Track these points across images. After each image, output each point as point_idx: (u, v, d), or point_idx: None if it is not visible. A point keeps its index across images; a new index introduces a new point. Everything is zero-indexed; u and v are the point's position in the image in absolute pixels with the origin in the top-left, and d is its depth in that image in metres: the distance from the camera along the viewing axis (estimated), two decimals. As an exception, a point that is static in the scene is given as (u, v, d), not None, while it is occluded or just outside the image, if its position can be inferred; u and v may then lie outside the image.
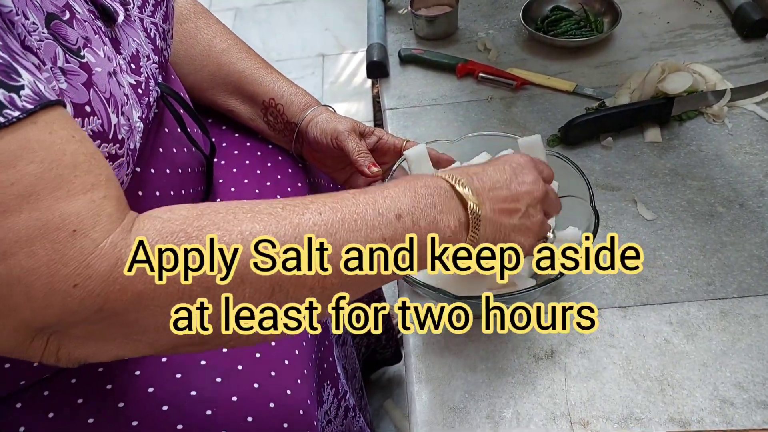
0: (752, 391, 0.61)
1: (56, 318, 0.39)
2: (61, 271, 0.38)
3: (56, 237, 0.38)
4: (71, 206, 0.39)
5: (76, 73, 0.46)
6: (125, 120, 0.51)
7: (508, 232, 0.55)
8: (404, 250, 0.48)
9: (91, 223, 0.39)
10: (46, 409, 0.56)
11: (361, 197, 0.49)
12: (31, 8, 0.43)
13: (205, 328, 0.43)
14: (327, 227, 0.45)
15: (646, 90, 0.89)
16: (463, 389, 0.64)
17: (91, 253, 0.39)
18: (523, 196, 0.55)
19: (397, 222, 0.48)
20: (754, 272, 0.70)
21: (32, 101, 0.39)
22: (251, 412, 0.58)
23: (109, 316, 0.40)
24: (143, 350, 0.43)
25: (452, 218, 0.51)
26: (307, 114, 0.77)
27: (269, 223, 0.44)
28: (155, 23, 0.62)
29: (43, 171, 0.38)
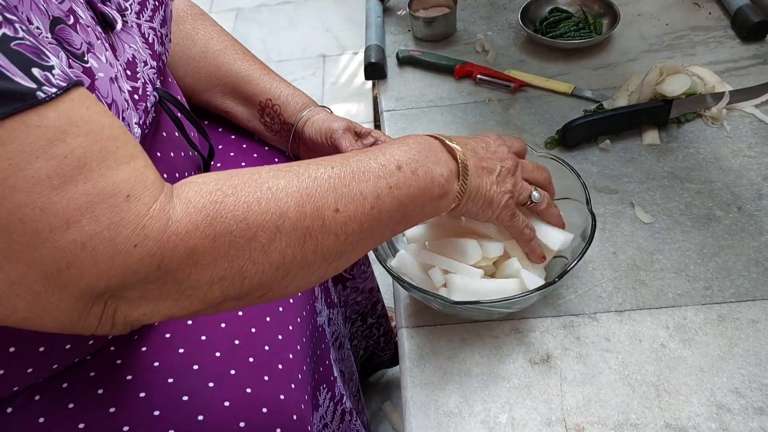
0: (749, 397, 0.60)
1: (119, 278, 0.42)
2: (122, 233, 0.41)
3: (113, 202, 0.41)
4: (120, 174, 0.41)
5: (79, 77, 0.46)
6: (125, 125, 0.51)
7: (489, 186, 0.60)
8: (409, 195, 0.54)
9: (140, 188, 0.42)
10: (37, 414, 0.56)
11: (363, 155, 0.54)
12: (36, 13, 0.43)
13: (249, 279, 0.46)
14: (341, 178, 0.50)
15: (644, 92, 0.88)
16: (458, 394, 0.64)
17: (145, 215, 0.42)
18: (496, 159, 0.61)
19: (398, 172, 0.53)
20: (752, 276, 0.70)
21: (64, 80, 0.40)
22: (244, 417, 0.58)
23: (165, 273, 0.43)
24: (195, 306, 0.46)
25: (444, 168, 0.56)
26: (303, 114, 0.77)
27: (291, 179, 0.49)
28: (153, 28, 0.62)
29: (89, 143, 0.40)
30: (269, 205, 0.46)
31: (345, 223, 0.50)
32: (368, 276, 1.05)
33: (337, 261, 0.51)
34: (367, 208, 0.51)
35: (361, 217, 0.51)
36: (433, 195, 0.56)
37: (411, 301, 0.72)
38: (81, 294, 0.42)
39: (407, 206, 0.54)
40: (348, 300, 1.02)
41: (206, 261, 0.44)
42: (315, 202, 0.48)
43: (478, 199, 0.59)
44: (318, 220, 0.48)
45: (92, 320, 0.44)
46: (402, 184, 0.53)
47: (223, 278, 0.45)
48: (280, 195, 0.47)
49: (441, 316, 0.70)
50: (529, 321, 0.69)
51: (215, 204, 0.44)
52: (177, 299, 0.45)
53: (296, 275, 0.49)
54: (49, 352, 0.55)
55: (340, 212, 0.49)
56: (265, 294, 0.49)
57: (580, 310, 0.69)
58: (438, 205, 0.57)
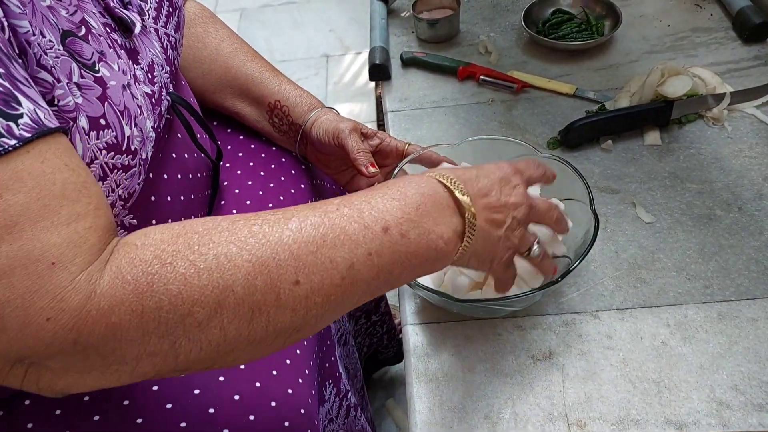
0: (749, 394, 0.62)
1: (30, 350, 0.39)
2: (36, 304, 0.38)
3: (35, 269, 0.38)
4: (54, 237, 0.39)
5: (91, 87, 0.47)
6: (138, 131, 0.52)
7: (495, 243, 0.54)
8: (392, 264, 0.47)
9: (71, 255, 0.39)
10: (53, 407, 0.57)
11: (345, 209, 0.47)
12: (48, 27, 0.44)
13: (185, 356, 0.43)
14: (308, 245, 0.44)
15: (646, 93, 0.89)
16: (462, 389, 0.65)
17: (66, 287, 0.39)
18: (509, 208, 0.54)
19: (383, 235, 0.47)
20: (752, 275, 0.71)
21: (30, 130, 0.39)
22: (253, 410, 0.59)
23: (84, 348, 0.40)
24: (124, 379, 0.43)
25: (446, 228, 0.50)
26: (311, 115, 0.78)
27: (246, 243, 0.43)
28: (167, 33, 0.64)
29: (29, 201, 0.38)
30: (211, 277, 0.41)
31: (306, 297, 0.44)
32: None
33: (296, 335, 0.46)
34: (336, 279, 0.45)
35: (327, 289, 0.44)
36: (428, 258, 0.49)
37: (416, 299, 0.73)
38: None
39: (390, 272, 0.47)
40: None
41: (132, 337, 0.40)
42: (269, 274, 0.43)
43: (483, 255, 0.54)
44: (271, 294, 0.43)
45: (14, 381, 0.42)
46: (386, 250, 0.46)
47: (153, 354, 0.42)
48: (227, 266, 0.42)
49: (445, 313, 0.71)
50: (531, 318, 0.70)
51: (147, 276, 0.41)
52: (103, 372, 0.42)
53: (243, 351, 0.44)
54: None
55: (300, 285, 0.43)
56: (209, 367, 0.45)
57: (582, 308, 0.70)
58: (433, 267, 0.51)
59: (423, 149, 0.75)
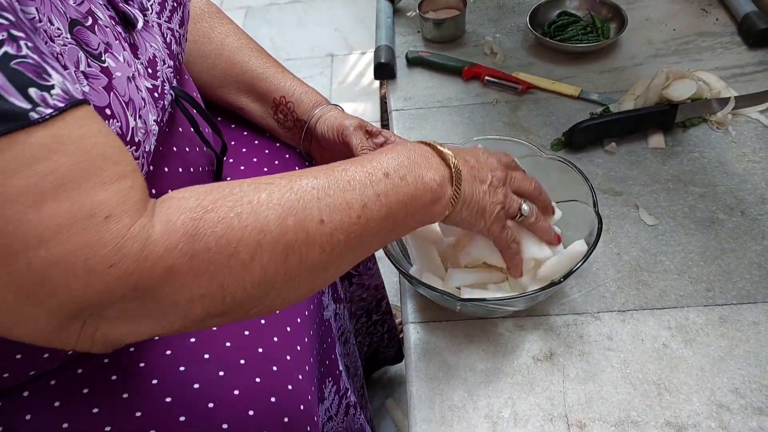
0: (749, 397, 0.62)
1: (95, 298, 0.41)
2: (99, 253, 0.40)
3: (92, 222, 0.40)
4: (102, 194, 0.41)
5: (97, 77, 0.48)
6: (142, 123, 0.52)
7: (481, 196, 0.59)
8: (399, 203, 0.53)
9: (122, 209, 0.42)
10: (52, 399, 0.57)
11: (349, 164, 0.54)
12: (56, 14, 0.45)
13: (231, 296, 0.46)
14: (325, 188, 0.50)
15: (650, 96, 0.89)
16: (463, 388, 0.65)
17: (124, 236, 0.41)
18: (487, 169, 0.61)
19: (385, 179, 0.53)
20: (754, 279, 0.71)
21: (62, 100, 0.41)
22: (253, 406, 0.59)
23: (143, 293, 0.43)
24: (177, 324, 0.46)
25: (436, 173, 0.56)
26: (316, 112, 0.78)
27: (272, 191, 0.48)
28: (171, 28, 0.64)
29: (75, 162, 0.40)
30: (249, 219, 0.46)
31: (330, 234, 0.49)
32: (374, 273, 1.06)
33: (325, 273, 0.51)
34: (353, 218, 0.50)
35: (347, 227, 0.50)
36: (425, 201, 0.55)
37: (417, 297, 0.73)
38: (55, 311, 0.41)
39: (397, 214, 0.53)
40: (353, 296, 1.04)
41: (185, 279, 0.44)
42: (297, 215, 0.48)
43: (473, 205, 0.59)
44: (301, 233, 0.47)
45: (70, 337, 0.44)
46: (390, 191, 0.53)
47: (203, 296, 0.45)
48: (260, 209, 0.46)
49: (447, 312, 0.71)
50: (533, 318, 0.70)
51: (194, 221, 0.44)
52: (157, 318, 0.45)
53: (281, 290, 0.48)
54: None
55: (324, 223, 0.49)
56: (250, 310, 0.48)
57: (583, 309, 0.70)
58: (431, 212, 0.57)
59: None
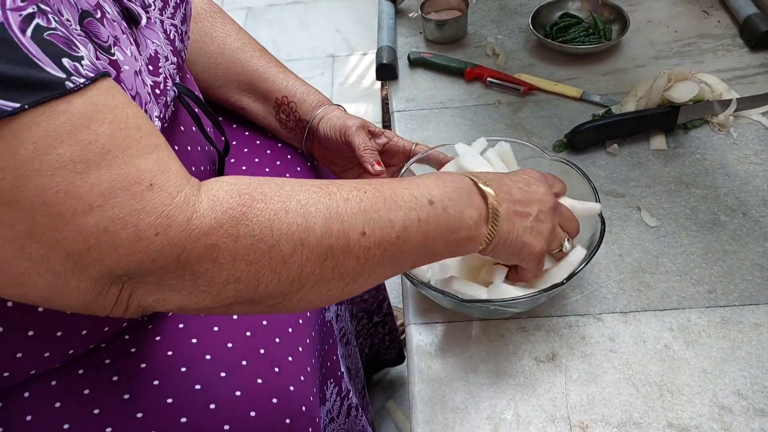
0: (751, 399, 0.61)
1: (138, 264, 0.42)
2: (145, 220, 0.41)
3: (137, 189, 0.41)
4: (143, 163, 0.42)
5: (106, 69, 0.47)
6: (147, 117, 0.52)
7: (521, 233, 0.58)
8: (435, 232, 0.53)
9: (164, 178, 0.43)
10: (52, 399, 0.57)
11: (398, 183, 0.54)
12: (66, 5, 0.45)
13: (264, 286, 0.47)
14: (372, 203, 0.50)
15: (652, 98, 0.89)
16: (464, 390, 0.65)
17: (168, 204, 0.42)
18: (534, 203, 0.59)
19: (429, 206, 0.53)
20: (756, 281, 0.71)
21: (93, 70, 0.41)
22: (254, 407, 0.59)
23: (183, 265, 0.44)
24: (207, 302, 0.46)
25: (474, 211, 0.55)
26: (318, 112, 0.78)
27: (322, 196, 0.49)
28: (174, 25, 0.64)
29: (114, 131, 0.41)
30: (297, 217, 0.47)
31: (369, 247, 0.50)
32: (375, 274, 1.06)
33: (353, 283, 0.51)
34: (393, 237, 0.51)
35: (385, 245, 0.51)
36: (460, 236, 0.55)
37: (419, 298, 0.73)
38: (100, 276, 0.43)
39: (433, 242, 0.54)
40: (355, 297, 1.03)
41: (225, 260, 0.44)
42: (343, 222, 0.48)
43: (509, 244, 0.58)
44: (343, 240, 0.48)
45: (108, 302, 0.45)
46: (431, 219, 0.53)
47: (239, 279, 0.46)
48: (310, 209, 0.47)
49: (449, 313, 0.71)
50: (535, 320, 0.70)
51: (242, 206, 0.45)
52: (191, 292, 0.46)
53: (311, 290, 0.49)
54: (66, 337, 0.57)
55: (366, 236, 0.49)
56: (277, 304, 0.49)
57: (585, 310, 0.70)
58: (464, 247, 0.56)
59: (430, 149, 0.75)
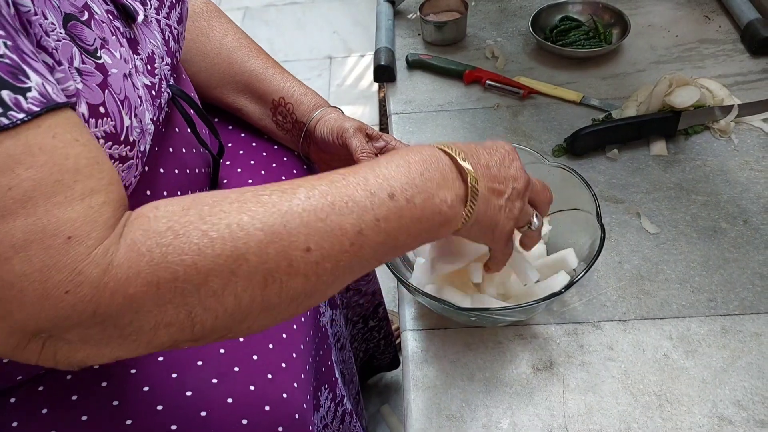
0: (751, 410, 0.61)
1: (49, 323, 0.39)
2: (54, 278, 0.38)
3: (51, 243, 0.38)
4: (68, 213, 0.39)
5: (92, 74, 0.46)
6: (137, 122, 0.51)
7: (496, 212, 0.55)
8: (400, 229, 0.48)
9: (87, 230, 0.39)
10: (40, 405, 0.56)
11: (351, 177, 0.48)
12: (50, 8, 0.44)
13: (201, 325, 0.43)
14: (317, 212, 0.45)
15: (653, 103, 0.89)
16: (460, 398, 0.64)
17: (83, 260, 0.39)
18: (509, 179, 0.55)
19: (390, 201, 0.47)
20: (757, 290, 0.70)
21: (38, 104, 0.39)
22: (246, 414, 0.58)
23: (103, 320, 0.40)
24: (141, 350, 0.43)
25: (450, 192, 0.50)
26: (316, 114, 0.77)
27: (257, 212, 0.44)
28: (170, 25, 0.63)
29: (43, 176, 0.38)
30: (225, 246, 0.42)
31: (317, 263, 0.45)
32: (371, 279, 1.05)
33: (308, 300, 0.47)
34: (345, 245, 0.45)
35: (337, 255, 0.45)
36: (433, 223, 0.50)
37: (415, 305, 0.72)
38: (12, 330, 0.39)
39: (397, 238, 0.48)
40: (350, 302, 1.02)
41: (148, 308, 0.41)
42: (281, 241, 0.43)
43: (485, 222, 0.54)
44: (283, 261, 0.43)
45: (30, 355, 0.42)
46: (392, 215, 0.47)
47: (169, 324, 0.42)
48: (239, 234, 0.42)
49: (445, 320, 0.70)
50: (533, 327, 0.69)
51: (162, 247, 0.41)
52: (121, 343, 0.42)
53: (257, 318, 0.45)
54: (54, 343, 0.55)
55: (311, 252, 0.44)
56: (225, 335, 0.45)
57: (584, 318, 0.69)
58: (438, 233, 0.52)
59: None
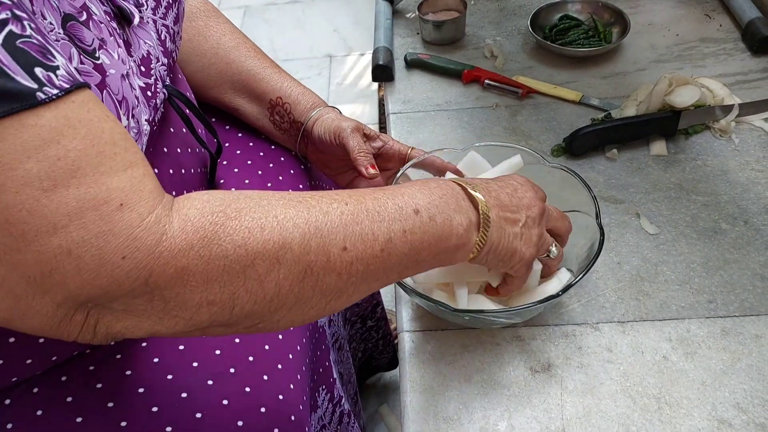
0: (751, 413, 0.60)
1: (103, 289, 0.40)
2: (111, 243, 0.39)
3: (105, 210, 0.39)
4: (115, 181, 0.40)
5: (90, 74, 0.46)
6: (134, 123, 0.51)
7: (511, 239, 0.57)
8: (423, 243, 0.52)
9: (136, 198, 0.41)
10: (34, 407, 0.55)
11: (380, 192, 0.52)
12: (49, 8, 0.43)
13: (240, 308, 0.45)
14: (354, 216, 0.48)
15: (652, 102, 0.88)
16: (458, 400, 0.63)
17: (138, 226, 0.40)
18: (522, 208, 0.58)
19: (415, 216, 0.51)
20: (757, 291, 0.69)
21: (68, 81, 0.40)
22: (242, 416, 0.58)
23: (152, 289, 0.41)
24: (180, 327, 0.44)
25: (464, 218, 0.54)
26: (313, 114, 0.76)
27: (300, 210, 0.47)
28: (166, 25, 0.62)
29: (86, 147, 0.39)
30: (273, 234, 0.44)
31: (351, 263, 0.48)
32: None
33: (336, 300, 0.49)
34: (376, 250, 0.49)
35: (368, 259, 0.49)
36: (450, 244, 0.53)
37: (413, 305, 0.72)
38: (63, 300, 0.40)
39: (420, 252, 0.52)
40: (348, 302, 1.02)
41: (197, 282, 0.42)
42: (322, 237, 0.46)
43: (500, 251, 0.57)
44: (322, 256, 0.46)
45: (73, 328, 0.43)
46: (417, 229, 0.51)
47: (212, 302, 0.43)
48: (287, 225, 0.45)
49: (442, 321, 0.69)
50: (531, 329, 0.68)
51: (215, 225, 0.43)
52: (162, 317, 0.43)
53: (290, 309, 0.47)
54: (49, 343, 0.55)
55: (347, 251, 0.47)
56: (255, 325, 0.47)
57: (582, 319, 0.69)
58: (454, 256, 0.55)
59: (426, 154, 0.73)
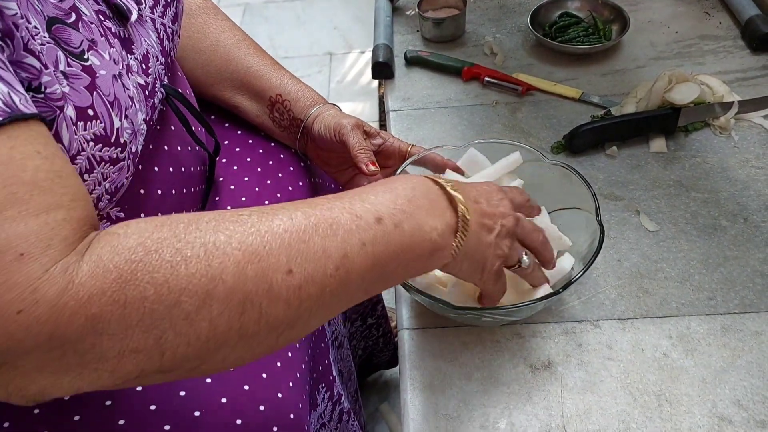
0: (752, 410, 0.60)
1: (1, 346, 0.36)
2: (4, 297, 0.35)
3: (2, 260, 0.35)
4: (22, 228, 0.36)
5: (78, 76, 0.46)
6: (128, 123, 0.50)
7: (485, 248, 0.53)
8: (388, 255, 0.46)
9: (42, 246, 0.36)
10: (31, 405, 0.55)
11: (336, 202, 0.46)
12: (33, 13, 0.43)
13: (171, 353, 0.40)
14: (299, 233, 0.43)
15: (652, 100, 0.88)
16: (458, 398, 0.63)
17: (38, 278, 0.36)
18: (497, 216, 0.54)
19: (376, 225, 0.46)
20: (757, 288, 0.69)
21: (1, 113, 0.37)
22: (240, 414, 0.57)
23: (62, 343, 0.37)
24: (105, 380, 0.39)
25: (439, 221, 0.49)
26: (313, 111, 0.76)
27: (234, 233, 0.41)
28: (164, 24, 0.62)
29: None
30: (200, 265, 0.39)
31: (299, 287, 0.42)
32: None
33: (290, 331, 0.44)
34: (330, 269, 0.43)
35: (321, 280, 0.43)
36: (422, 252, 0.48)
37: (413, 303, 0.72)
38: None
39: (386, 265, 0.46)
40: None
41: (113, 331, 0.37)
42: (261, 262, 0.41)
43: (475, 258, 0.53)
44: (263, 284, 0.41)
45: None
46: (380, 240, 0.45)
47: (136, 350, 0.38)
48: (216, 253, 0.40)
49: (442, 319, 0.69)
50: (531, 326, 0.68)
51: (131, 263, 0.38)
52: (81, 372, 0.38)
53: (234, 348, 0.42)
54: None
55: (293, 274, 0.42)
56: (197, 367, 0.42)
57: (582, 316, 0.68)
58: (428, 264, 0.50)
59: (426, 151, 0.73)
